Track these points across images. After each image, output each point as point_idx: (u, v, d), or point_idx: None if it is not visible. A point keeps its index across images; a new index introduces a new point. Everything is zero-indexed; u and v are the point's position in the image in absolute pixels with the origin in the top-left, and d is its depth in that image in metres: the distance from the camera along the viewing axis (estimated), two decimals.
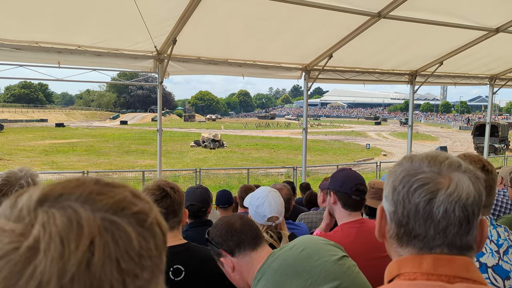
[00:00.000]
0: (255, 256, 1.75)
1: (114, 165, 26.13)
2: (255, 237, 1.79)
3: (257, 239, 1.79)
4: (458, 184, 0.90)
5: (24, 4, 5.09)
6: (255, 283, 1.67)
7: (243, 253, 1.75)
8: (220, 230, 1.81)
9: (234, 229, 1.78)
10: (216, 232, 1.81)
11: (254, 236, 1.78)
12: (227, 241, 1.77)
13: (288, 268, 1.62)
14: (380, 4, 6.04)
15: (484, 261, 1.82)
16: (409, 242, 0.94)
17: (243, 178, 18.16)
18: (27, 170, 1.86)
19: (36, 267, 0.45)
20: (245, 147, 37.60)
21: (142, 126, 70.12)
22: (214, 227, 1.85)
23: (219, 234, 1.80)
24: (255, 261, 1.74)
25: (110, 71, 6.83)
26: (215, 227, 1.85)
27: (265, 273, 1.65)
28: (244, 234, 1.77)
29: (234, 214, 1.90)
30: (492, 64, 9.66)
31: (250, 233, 1.78)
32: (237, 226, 1.78)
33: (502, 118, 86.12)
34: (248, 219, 1.87)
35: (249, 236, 1.77)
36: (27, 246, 0.46)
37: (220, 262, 1.83)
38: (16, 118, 72.65)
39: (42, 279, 0.45)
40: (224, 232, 1.79)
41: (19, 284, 0.45)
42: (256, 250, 1.77)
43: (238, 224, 1.79)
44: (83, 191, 0.53)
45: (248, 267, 1.76)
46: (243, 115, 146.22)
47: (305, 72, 8.23)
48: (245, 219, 1.84)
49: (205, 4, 5.28)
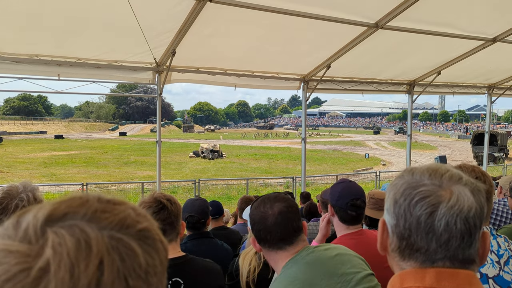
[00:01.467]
0: (279, 256, 1.68)
1: (113, 176, 26.07)
2: (283, 238, 1.68)
3: (287, 240, 1.68)
4: (459, 197, 0.89)
5: (24, 18, 5.13)
6: (283, 270, 1.64)
7: (267, 249, 1.70)
8: (255, 216, 1.72)
9: (265, 225, 1.68)
10: (254, 215, 1.73)
11: (283, 237, 1.68)
12: (257, 230, 1.70)
13: (321, 266, 1.61)
14: (377, 15, 6.08)
15: (485, 272, 1.81)
16: (411, 256, 0.93)
17: (242, 188, 18.13)
18: (27, 184, 1.86)
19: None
20: (244, 157, 37.59)
21: (141, 137, 70.18)
22: (256, 208, 1.74)
23: (253, 218, 1.73)
24: (279, 260, 1.68)
25: (110, 83, 6.85)
26: (257, 208, 1.73)
27: (297, 263, 1.62)
28: (271, 235, 1.67)
29: (277, 205, 1.71)
30: (489, 74, 9.71)
31: (280, 234, 1.67)
32: (269, 223, 1.67)
33: (501, 127, 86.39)
34: (287, 216, 1.70)
35: (277, 237, 1.67)
36: (39, 267, 0.46)
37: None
38: (15, 131, 72.59)
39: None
40: (257, 220, 1.71)
41: None
42: (283, 250, 1.68)
43: (271, 221, 1.67)
44: (87, 209, 0.53)
45: (270, 260, 1.74)
46: (241, 125, 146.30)
47: (303, 83, 8.26)
48: (283, 216, 1.69)
49: (204, 16, 5.32)
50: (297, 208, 1.76)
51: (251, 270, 2.29)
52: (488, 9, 6.44)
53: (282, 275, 1.63)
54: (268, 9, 5.41)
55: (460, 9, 6.29)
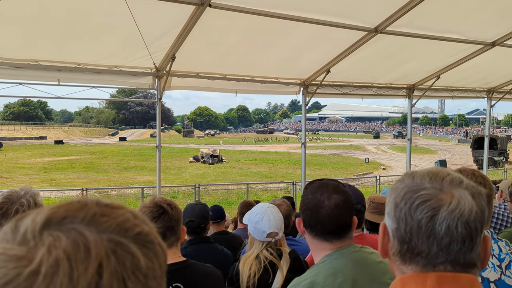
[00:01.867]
0: (323, 246, 1.66)
1: (113, 181, 26.06)
2: (333, 232, 1.65)
3: (336, 234, 1.65)
4: (460, 201, 0.89)
5: (24, 23, 5.14)
6: (327, 259, 1.61)
7: (313, 236, 1.68)
8: (310, 201, 1.68)
9: (318, 214, 1.64)
10: (308, 199, 1.69)
11: (333, 231, 1.65)
12: (308, 216, 1.67)
13: (366, 268, 1.60)
14: (377, 20, 6.10)
15: (486, 276, 1.81)
16: (412, 259, 0.93)
17: (242, 193, 18.10)
18: (28, 189, 1.86)
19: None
20: (244, 162, 37.59)
21: (141, 142, 70.26)
22: (312, 193, 1.70)
23: (306, 202, 1.69)
24: (322, 250, 1.66)
25: (109, 88, 6.86)
26: (313, 193, 1.69)
27: (343, 257, 1.60)
28: (322, 225, 1.64)
29: (335, 197, 1.66)
30: (489, 78, 9.72)
31: (330, 227, 1.64)
32: (322, 213, 1.64)
33: (501, 131, 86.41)
34: (342, 211, 1.66)
35: (326, 230, 1.64)
36: (34, 271, 0.45)
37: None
38: (15, 136, 72.66)
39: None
40: (310, 206, 1.67)
41: None
42: (329, 242, 1.66)
43: (325, 212, 1.63)
44: (86, 213, 0.53)
45: (310, 245, 1.72)
46: (241, 130, 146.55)
47: (303, 87, 8.27)
48: (338, 210, 1.64)
49: (204, 20, 5.33)
50: (352, 204, 1.73)
51: (251, 274, 2.29)
52: (487, 14, 6.46)
53: (325, 264, 1.60)
54: (268, 15, 5.42)
55: (459, 13, 6.31)
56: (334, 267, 1.58)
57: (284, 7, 5.43)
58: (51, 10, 4.97)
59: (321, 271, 1.58)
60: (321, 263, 1.62)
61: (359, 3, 5.68)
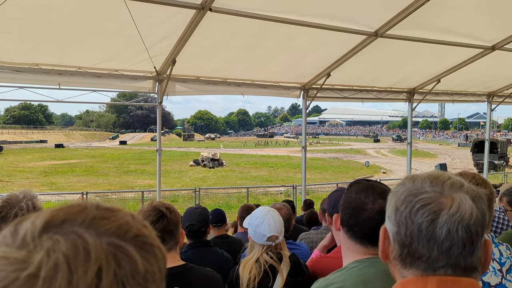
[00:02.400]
0: (355, 248, 1.60)
1: (113, 185, 26.05)
2: (370, 237, 1.56)
3: (372, 240, 1.55)
4: (460, 204, 0.89)
5: (24, 27, 5.15)
6: (357, 265, 1.54)
7: (348, 236, 1.62)
8: (352, 200, 1.62)
9: (359, 215, 1.57)
10: (351, 198, 1.62)
11: (369, 236, 1.56)
12: (348, 215, 1.61)
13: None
14: (377, 24, 6.12)
15: (487, 280, 1.80)
16: (413, 263, 0.92)
17: (243, 197, 18.09)
18: (28, 193, 1.85)
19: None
20: (244, 166, 37.56)
21: (142, 146, 70.23)
22: (356, 192, 1.62)
23: (349, 200, 1.62)
24: (353, 253, 1.60)
25: (110, 91, 6.87)
26: (357, 193, 1.62)
27: (376, 266, 1.52)
28: (360, 228, 1.57)
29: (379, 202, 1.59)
30: (489, 81, 9.74)
31: (368, 231, 1.56)
32: (363, 216, 1.57)
33: (501, 135, 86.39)
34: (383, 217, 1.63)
35: (363, 233, 1.57)
36: (34, 274, 0.45)
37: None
38: (16, 140, 72.73)
39: None
40: (352, 206, 1.61)
41: None
42: (363, 246, 1.59)
43: (367, 216, 1.56)
44: (86, 216, 0.52)
45: (342, 245, 1.66)
46: (242, 133, 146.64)
47: (303, 91, 8.28)
48: (380, 216, 1.52)
49: (204, 25, 5.34)
50: None
51: (251, 278, 2.28)
52: (487, 18, 6.48)
53: (355, 271, 1.53)
54: (268, 19, 5.44)
55: (459, 18, 6.32)
56: (364, 276, 1.51)
57: (285, 12, 5.44)
58: (52, 14, 4.98)
59: (350, 277, 1.52)
60: (351, 268, 1.56)
61: (359, 7, 5.69)
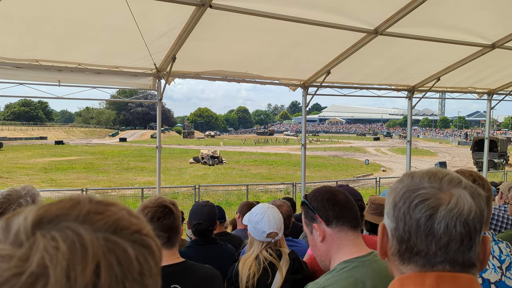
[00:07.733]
0: (351, 236, 1.65)
1: (113, 182, 26.06)
2: (355, 218, 1.68)
3: (357, 219, 1.68)
4: (459, 200, 0.89)
5: (24, 23, 5.14)
6: (343, 265, 1.57)
7: (340, 226, 1.66)
8: (321, 196, 1.70)
9: (337, 200, 1.67)
10: (317, 197, 1.70)
11: (355, 216, 1.68)
12: (327, 209, 1.67)
13: (385, 280, 1.52)
14: (377, 21, 6.10)
15: (487, 277, 1.81)
16: (411, 259, 0.93)
17: (242, 194, 18.10)
18: (29, 188, 1.84)
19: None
20: (244, 164, 37.55)
21: (141, 143, 70.23)
22: (315, 192, 1.74)
23: (320, 199, 1.69)
24: (350, 241, 1.64)
25: (110, 88, 6.86)
26: (317, 192, 1.73)
27: (364, 265, 1.55)
28: (346, 210, 1.67)
29: (337, 188, 1.77)
30: (489, 79, 9.72)
31: (352, 212, 1.67)
32: (340, 199, 1.68)
33: (501, 133, 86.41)
34: (352, 198, 1.74)
35: (350, 214, 1.67)
36: (30, 272, 0.44)
37: (309, 228, 1.70)
38: (16, 136, 72.63)
39: None
40: (326, 199, 1.68)
41: None
42: (354, 230, 1.66)
43: (342, 198, 1.68)
44: (80, 211, 0.51)
45: (340, 242, 1.67)
46: (242, 131, 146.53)
47: (303, 88, 8.27)
48: (349, 197, 1.72)
49: (204, 21, 5.33)
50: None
51: (250, 275, 2.28)
52: (487, 15, 6.46)
53: (344, 272, 1.54)
54: (268, 15, 5.42)
55: (460, 15, 6.31)
56: (355, 275, 1.52)
57: (285, 8, 5.42)
58: (52, 10, 4.97)
59: (340, 279, 1.53)
60: (340, 270, 1.57)
61: (359, 5, 5.68)
